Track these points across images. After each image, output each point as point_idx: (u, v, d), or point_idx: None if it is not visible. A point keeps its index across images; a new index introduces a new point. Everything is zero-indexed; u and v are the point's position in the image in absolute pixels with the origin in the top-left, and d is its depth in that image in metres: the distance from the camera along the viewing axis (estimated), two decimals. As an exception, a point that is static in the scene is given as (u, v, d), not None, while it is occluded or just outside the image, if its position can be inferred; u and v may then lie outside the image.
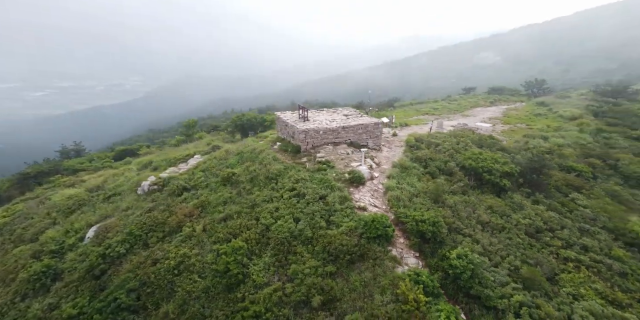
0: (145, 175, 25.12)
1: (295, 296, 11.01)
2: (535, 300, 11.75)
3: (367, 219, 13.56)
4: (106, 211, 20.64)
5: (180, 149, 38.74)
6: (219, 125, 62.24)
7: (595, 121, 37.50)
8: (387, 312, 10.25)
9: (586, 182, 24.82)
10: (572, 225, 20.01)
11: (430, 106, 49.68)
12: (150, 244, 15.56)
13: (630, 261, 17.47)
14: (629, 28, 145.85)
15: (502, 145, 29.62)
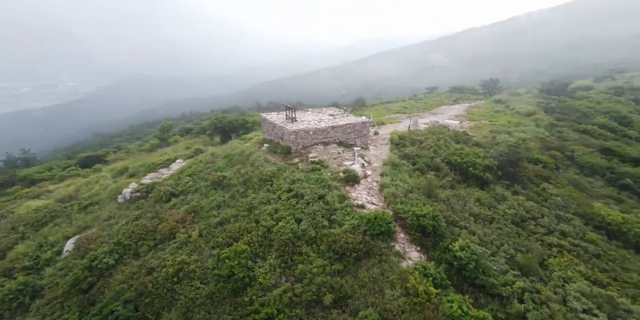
0: (124, 183, 24.11)
1: (306, 296, 11.05)
2: (535, 286, 12.55)
3: (369, 216, 13.86)
4: (85, 222, 19.57)
5: (157, 153, 37.48)
6: (192, 128, 60.73)
7: (547, 116, 40.79)
8: (400, 305, 10.54)
9: (551, 172, 27.07)
10: (549, 213, 21.68)
11: (400, 105, 51.40)
12: (141, 253, 14.96)
13: (601, 243, 19.18)
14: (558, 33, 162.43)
15: (476, 140, 31.29)
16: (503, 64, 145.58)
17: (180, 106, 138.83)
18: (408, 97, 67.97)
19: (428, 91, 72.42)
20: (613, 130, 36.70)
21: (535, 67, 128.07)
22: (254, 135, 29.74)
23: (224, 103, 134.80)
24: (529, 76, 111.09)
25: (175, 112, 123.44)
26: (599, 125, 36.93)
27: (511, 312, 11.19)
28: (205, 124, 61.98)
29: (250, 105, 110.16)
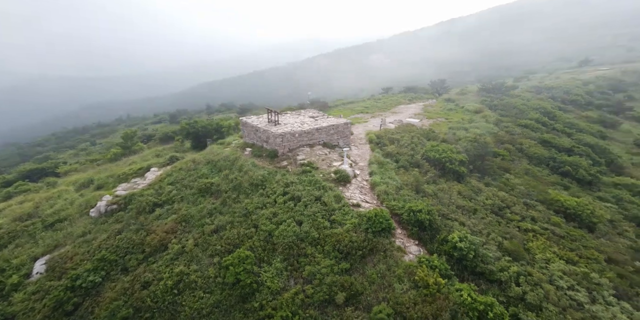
0: (94, 196, 22.77)
1: (318, 296, 11.26)
2: (527, 269, 13.72)
3: (369, 214, 14.38)
4: (54, 240, 18.23)
5: (122, 163, 35.66)
6: (153, 134, 58.21)
7: (492, 113, 44.61)
8: (411, 298, 11.10)
9: (509, 164, 29.80)
10: (518, 201, 24.09)
11: (361, 105, 53.20)
12: (130, 267, 14.30)
13: (563, 226, 21.69)
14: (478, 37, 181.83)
15: (443, 137, 33.39)
16: (433, 65, 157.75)
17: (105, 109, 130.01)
18: (367, 97, 70.69)
19: (384, 91, 75.81)
20: (544, 124, 41.74)
21: (460, 68, 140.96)
22: (232, 139, 29.25)
23: (162, 105, 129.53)
24: (457, 76, 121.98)
25: (99, 116, 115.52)
26: (535, 120, 41.76)
27: (511, 295, 12.20)
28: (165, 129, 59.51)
29: (198, 108, 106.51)
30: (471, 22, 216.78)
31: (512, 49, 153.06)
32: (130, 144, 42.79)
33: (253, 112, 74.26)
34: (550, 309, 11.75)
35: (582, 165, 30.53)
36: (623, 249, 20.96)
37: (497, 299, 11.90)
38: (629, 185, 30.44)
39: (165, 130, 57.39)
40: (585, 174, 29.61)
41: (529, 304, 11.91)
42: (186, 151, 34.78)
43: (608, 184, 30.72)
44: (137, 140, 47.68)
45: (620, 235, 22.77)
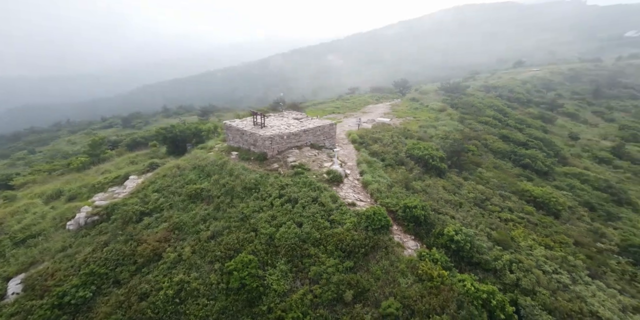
0: (70, 207, 21.65)
1: (326, 295, 11.49)
2: (517, 257, 14.70)
3: (367, 212, 14.81)
4: (29, 257, 17.16)
5: (93, 171, 33.96)
6: (119, 140, 55.48)
7: (455, 111, 47.28)
8: (417, 291, 11.60)
9: (479, 158, 31.86)
10: (494, 193, 25.94)
11: (331, 106, 54.35)
12: (122, 279, 13.80)
13: (535, 214, 23.71)
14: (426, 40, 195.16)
15: (418, 135, 34.89)
16: (387, 65, 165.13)
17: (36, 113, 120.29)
18: (335, 97, 72.37)
19: (350, 92, 77.68)
20: (500, 120, 45.51)
21: (409, 68, 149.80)
22: (214, 143, 28.74)
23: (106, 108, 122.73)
24: (410, 76, 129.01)
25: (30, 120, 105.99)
26: (492, 117, 45.45)
27: (507, 282, 13.04)
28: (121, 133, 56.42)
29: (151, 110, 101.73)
30: (418, 25, 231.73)
31: (459, 50, 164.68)
32: (99, 152, 40.78)
33: (215, 114, 72.80)
34: (543, 292, 12.70)
35: (539, 157, 33.73)
36: (585, 232, 23.45)
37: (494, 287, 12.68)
38: (577, 174, 34.08)
39: (135, 136, 54.88)
40: (542, 166, 32.65)
41: (523, 289, 12.80)
42: (164, 157, 33.73)
43: (560, 173, 34.12)
44: (105, 148, 45.52)
45: (580, 220, 25.48)
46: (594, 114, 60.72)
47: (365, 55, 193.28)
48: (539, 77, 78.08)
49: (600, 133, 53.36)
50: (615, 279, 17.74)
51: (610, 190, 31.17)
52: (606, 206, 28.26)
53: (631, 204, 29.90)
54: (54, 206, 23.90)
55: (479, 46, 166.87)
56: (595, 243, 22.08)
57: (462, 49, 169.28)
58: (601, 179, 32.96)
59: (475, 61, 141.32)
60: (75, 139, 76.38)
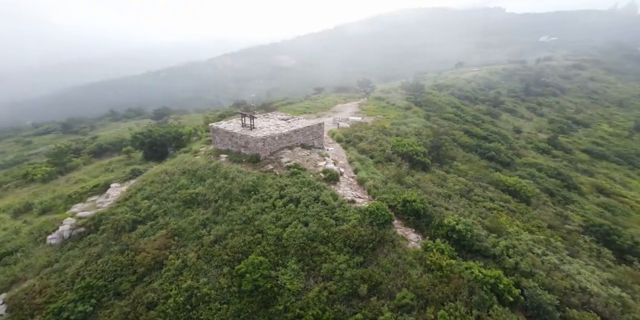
0: (48, 220, 20.51)
1: (341, 291, 11.79)
2: (511, 242, 15.74)
3: (370, 208, 15.28)
4: (9, 276, 16.11)
5: (64, 181, 32.16)
6: (81, 147, 52.26)
7: (419, 109, 50.02)
8: (428, 281, 12.18)
9: (452, 152, 34.14)
10: (475, 184, 27.59)
11: (301, 106, 54.89)
12: (123, 290, 13.37)
13: (512, 202, 25.76)
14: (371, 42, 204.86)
15: (394, 132, 36.22)
16: (337, 66, 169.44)
17: None
18: (300, 98, 73.03)
19: (316, 92, 78.69)
20: (459, 116, 48.76)
21: (361, 68, 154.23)
22: (198, 146, 28.15)
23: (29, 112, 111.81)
24: (354, 77, 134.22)
25: None
26: (453, 114, 48.69)
27: (507, 267, 13.96)
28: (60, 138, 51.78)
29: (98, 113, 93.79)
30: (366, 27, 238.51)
31: (405, 51, 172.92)
32: (64, 160, 38.48)
33: (172, 117, 69.86)
34: (540, 273, 13.74)
35: (501, 150, 36.86)
36: (553, 216, 25.85)
37: (497, 272, 13.54)
38: (533, 163, 37.32)
39: (99, 142, 51.39)
40: (505, 157, 35.68)
41: (523, 272, 13.77)
42: (142, 163, 32.58)
43: (520, 164, 37.21)
44: (70, 156, 43.04)
45: (545, 205, 28.05)
46: (528, 110, 66.81)
47: (313, 55, 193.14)
48: (479, 76, 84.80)
49: (535, 126, 58.48)
50: (587, 256, 19.66)
51: (560, 177, 34.86)
52: (561, 191, 31.54)
53: (577, 188, 33.49)
54: (26, 220, 22.50)
55: (420, 48, 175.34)
56: (563, 225, 24.42)
57: (410, 50, 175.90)
58: (552, 167, 36.65)
59: (417, 62, 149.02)
60: (3, 147, 67.74)
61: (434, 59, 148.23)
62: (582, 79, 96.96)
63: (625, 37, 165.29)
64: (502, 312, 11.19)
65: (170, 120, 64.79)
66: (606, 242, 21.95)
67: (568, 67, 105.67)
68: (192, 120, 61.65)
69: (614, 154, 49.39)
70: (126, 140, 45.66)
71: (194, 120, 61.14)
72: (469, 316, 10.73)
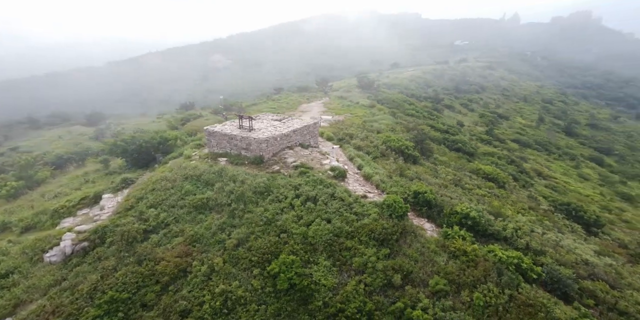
0: (39, 238, 19.40)
1: (377, 283, 12.30)
2: (517, 224, 16.96)
3: (387, 202, 15.88)
4: (10, 299, 15.20)
5: (37, 196, 30.10)
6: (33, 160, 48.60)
7: (382, 106, 52.38)
8: (456, 266, 12.96)
9: (430, 145, 36.17)
10: (461, 174, 29.55)
11: (266, 106, 54.89)
12: (149, 301, 13.08)
13: (495, 188, 27.85)
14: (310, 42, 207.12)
15: (369, 129, 37.51)
16: (275, 66, 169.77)
17: None
18: (262, 98, 72.81)
19: (275, 92, 78.94)
20: (418, 112, 51.68)
21: (293, 68, 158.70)
22: (190, 151, 27.52)
23: None
24: (300, 77, 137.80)
25: None
26: (414, 110, 51.64)
27: (520, 247, 15.09)
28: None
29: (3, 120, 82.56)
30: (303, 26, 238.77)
31: (341, 52, 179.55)
32: (32, 174, 36.03)
33: (108, 122, 62.78)
34: (549, 251, 14.97)
35: (465, 142, 39.79)
36: (527, 199, 28.23)
37: (512, 253, 14.62)
38: (491, 153, 40.88)
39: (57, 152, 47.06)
40: (470, 148, 38.64)
41: (535, 251, 14.96)
42: (122, 171, 31.25)
43: (480, 153, 40.35)
44: (39, 168, 40.31)
45: (516, 189, 30.52)
46: (461, 106, 72.33)
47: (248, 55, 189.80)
48: (416, 76, 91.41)
49: (471, 120, 63.19)
50: (567, 231, 21.74)
51: (514, 163, 38.59)
52: (522, 176, 34.84)
53: (527, 173, 37.21)
54: (11, 240, 21.11)
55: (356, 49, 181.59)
56: (539, 206, 26.72)
57: (340, 51, 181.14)
58: (507, 155, 40.16)
59: (355, 62, 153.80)
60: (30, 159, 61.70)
61: (371, 59, 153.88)
62: (495, 78, 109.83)
63: (514, 43, 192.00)
64: (530, 289, 12.18)
65: (114, 127, 59.41)
66: (574, 218, 24.82)
67: (483, 68, 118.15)
68: (140, 125, 57.50)
69: (534, 142, 56.35)
70: (91, 149, 43.18)
71: (142, 125, 57.24)
72: (502, 296, 11.60)
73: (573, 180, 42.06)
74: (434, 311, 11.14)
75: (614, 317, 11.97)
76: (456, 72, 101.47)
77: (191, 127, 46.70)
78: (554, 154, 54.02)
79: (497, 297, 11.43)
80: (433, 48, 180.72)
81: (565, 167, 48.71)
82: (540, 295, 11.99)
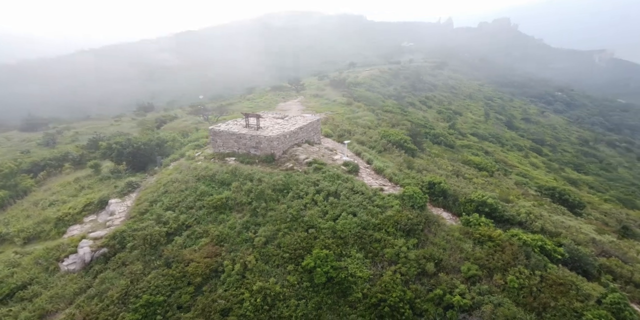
0: (52, 247, 18.89)
1: (412, 272, 12.67)
2: (528, 209, 17.71)
3: (407, 193, 16.25)
4: (35, 310, 14.77)
5: (30, 205, 28.80)
6: (12, 166, 46.50)
7: (359, 103, 52.97)
8: (484, 251, 13.47)
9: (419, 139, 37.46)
10: (457, 165, 30.62)
11: (244, 106, 55.09)
12: (184, 303, 13.02)
13: (488, 177, 29.11)
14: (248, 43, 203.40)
15: (360, 125, 38.17)
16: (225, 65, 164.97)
17: None
18: (238, 99, 72.02)
19: (247, 92, 78.72)
20: (392, 108, 53.26)
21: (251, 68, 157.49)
22: (192, 152, 27.10)
23: None
24: (254, 77, 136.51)
25: None
26: (391, 107, 53.69)
27: (535, 230, 15.78)
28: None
29: None
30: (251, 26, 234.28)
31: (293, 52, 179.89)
32: (17, 182, 34.45)
33: (51, 126, 59.66)
34: (563, 232, 15.75)
35: (445, 135, 41.85)
36: (515, 185, 29.76)
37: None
38: (466, 145, 42.87)
39: (33, 159, 44.49)
40: (450, 141, 40.70)
41: (550, 233, 15.69)
42: (115, 176, 30.13)
43: (459, 146, 42.13)
44: (21, 177, 38.42)
45: (502, 177, 32.04)
46: (420, 103, 75.28)
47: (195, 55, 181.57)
48: (375, 75, 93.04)
49: (431, 116, 65.49)
50: (560, 213, 22.95)
51: (488, 154, 41.11)
52: (500, 165, 36.76)
53: (500, 162, 39.48)
54: (17, 251, 20.38)
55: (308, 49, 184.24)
56: (528, 192, 28.11)
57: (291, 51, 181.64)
58: (481, 147, 42.24)
59: (310, 62, 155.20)
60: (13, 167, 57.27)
61: (323, 60, 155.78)
62: (444, 77, 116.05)
63: (451, 45, 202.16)
64: (557, 269, 12.84)
65: (65, 132, 55.47)
66: (560, 202, 26.49)
67: (432, 68, 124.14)
68: (95, 128, 53.50)
69: (489, 135, 60.32)
70: (72, 153, 41.27)
71: (98, 128, 53.55)
72: (533, 277, 12.19)
73: (530, 169, 44.99)
74: (471, 296, 11.60)
75: (632, 290, 12.82)
76: (410, 72, 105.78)
77: (170, 128, 45.13)
78: (507, 145, 57.85)
79: (529, 279, 12.02)
80: (380, 49, 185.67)
81: (518, 157, 51.92)
82: (567, 273, 12.68)
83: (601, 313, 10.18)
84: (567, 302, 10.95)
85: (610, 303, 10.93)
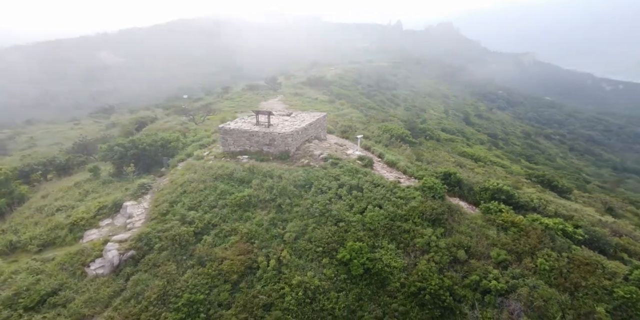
0: (75, 252, 18.49)
1: (445, 260, 13.00)
2: (538, 195, 18.27)
3: (427, 184, 16.53)
4: (71, 315, 14.55)
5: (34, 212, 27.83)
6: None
7: (341, 101, 53.42)
8: (510, 237, 13.90)
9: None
10: (456, 156, 31.44)
11: (226, 105, 54.19)
12: (223, 300, 13.07)
13: (485, 167, 30.25)
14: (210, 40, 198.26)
15: (364, 120, 38.53)
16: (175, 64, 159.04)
17: None
18: (217, 98, 70.58)
19: (223, 91, 77.29)
20: (375, 105, 54.89)
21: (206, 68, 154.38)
22: (200, 152, 26.74)
23: None
24: (211, 77, 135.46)
25: None
26: (371, 103, 55.47)
27: (549, 214, 16.33)
28: None
29: None
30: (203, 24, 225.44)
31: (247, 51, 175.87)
32: (13, 188, 33.27)
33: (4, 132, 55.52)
34: (575, 216, 16.34)
35: (432, 129, 43.44)
36: (506, 174, 30.81)
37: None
38: (450, 139, 44.29)
39: (14, 165, 42.59)
40: (437, 135, 42.16)
41: (564, 216, 16.27)
42: (115, 180, 29.39)
43: (444, 140, 43.25)
44: (17, 183, 37.05)
45: (492, 166, 33.33)
46: (389, 101, 77.01)
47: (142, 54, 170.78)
48: (341, 74, 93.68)
49: (402, 113, 66.49)
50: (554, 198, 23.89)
51: (469, 147, 43.13)
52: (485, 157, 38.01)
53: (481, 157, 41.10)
54: (35, 258, 19.91)
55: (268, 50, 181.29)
56: (520, 179, 29.15)
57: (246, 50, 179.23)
58: (462, 140, 43.70)
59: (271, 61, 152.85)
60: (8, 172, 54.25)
61: (287, 60, 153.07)
62: (403, 76, 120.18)
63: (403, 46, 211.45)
64: (580, 250, 13.39)
65: (16, 137, 51.84)
66: (550, 187, 27.72)
67: (392, 67, 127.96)
68: (54, 133, 52.19)
69: (455, 129, 63.20)
70: (57, 157, 39.87)
71: (58, 132, 52.12)
72: (561, 259, 12.68)
73: (497, 160, 46.59)
74: (505, 280, 12.01)
75: (647, 266, 13.51)
76: (372, 71, 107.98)
77: (153, 130, 43.24)
78: (471, 139, 60.22)
79: (557, 261, 12.49)
80: (339, 49, 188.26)
81: (483, 150, 53.76)
82: (591, 253, 13.24)
83: (631, 289, 10.72)
84: (596, 281, 11.47)
85: (637, 279, 11.49)
